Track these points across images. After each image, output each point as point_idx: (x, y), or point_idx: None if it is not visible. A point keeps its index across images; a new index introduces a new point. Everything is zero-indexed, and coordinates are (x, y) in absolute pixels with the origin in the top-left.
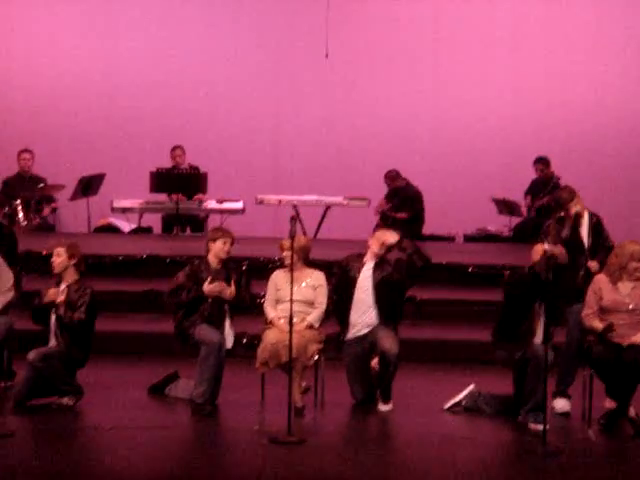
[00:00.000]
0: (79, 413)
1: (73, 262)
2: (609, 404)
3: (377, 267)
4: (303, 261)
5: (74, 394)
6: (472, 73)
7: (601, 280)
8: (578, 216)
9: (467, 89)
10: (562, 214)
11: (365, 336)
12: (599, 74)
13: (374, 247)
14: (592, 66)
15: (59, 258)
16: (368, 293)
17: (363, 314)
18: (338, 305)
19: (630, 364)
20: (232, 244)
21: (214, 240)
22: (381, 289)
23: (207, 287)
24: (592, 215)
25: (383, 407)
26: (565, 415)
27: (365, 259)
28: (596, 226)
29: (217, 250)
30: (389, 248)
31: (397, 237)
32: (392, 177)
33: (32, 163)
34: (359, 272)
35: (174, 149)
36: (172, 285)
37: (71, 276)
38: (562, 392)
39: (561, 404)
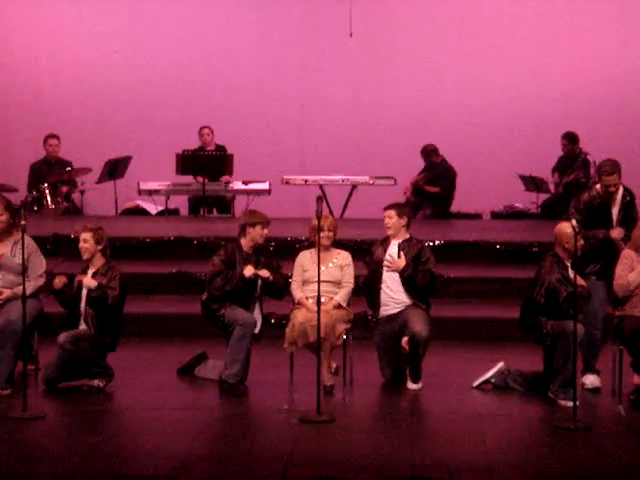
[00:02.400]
0: (109, 395)
1: (100, 247)
2: (638, 380)
3: (404, 245)
4: (333, 239)
5: (104, 376)
6: (497, 50)
7: (630, 255)
8: (608, 190)
9: (492, 66)
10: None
11: (396, 315)
12: (625, 49)
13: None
14: (618, 41)
15: (86, 244)
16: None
17: (393, 293)
18: (369, 285)
19: None
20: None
21: (253, 225)
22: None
23: (249, 271)
24: (627, 192)
25: (412, 386)
26: (595, 391)
27: (390, 239)
28: (628, 204)
29: (255, 235)
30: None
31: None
32: (427, 152)
33: (59, 148)
34: (385, 252)
35: (202, 129)
36: (210, 272)
37: (99, 261)
38: (591, 368)
39: (590, 379)
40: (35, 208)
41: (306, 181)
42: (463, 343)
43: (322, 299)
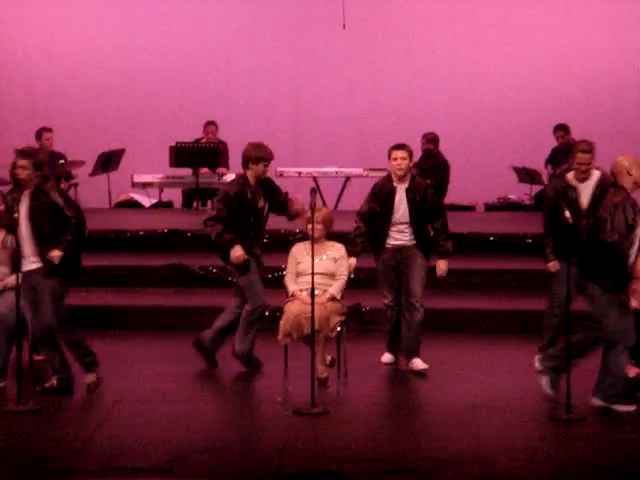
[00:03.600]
0: (104, 387)
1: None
2: (633, 372)
3: (410, 190)
4: (327, 232)
5: (93, 366)
6: (491, 42)
7: None
8: (581, 170)
9: (485, 58)
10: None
11: (401, 249)
12: (618, 42)
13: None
14: (611, 34)
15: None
16: (404, 212)
17: (400, 233)
18: (376, 219)
19: None
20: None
21: (257, 162)
22: (415, 208)
23: (236, 253)
24: (604, 177)
25: (419, 365)
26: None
27: (395, 182)
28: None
29: (258, 171)
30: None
31: None
32: (428, 139)
33: (53, 141)
34: (395, 192)
35: (208, 124)
36: (215, 215)
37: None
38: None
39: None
40: None
41: (300, 173)
42: (456, 335)
43: (316, 291)
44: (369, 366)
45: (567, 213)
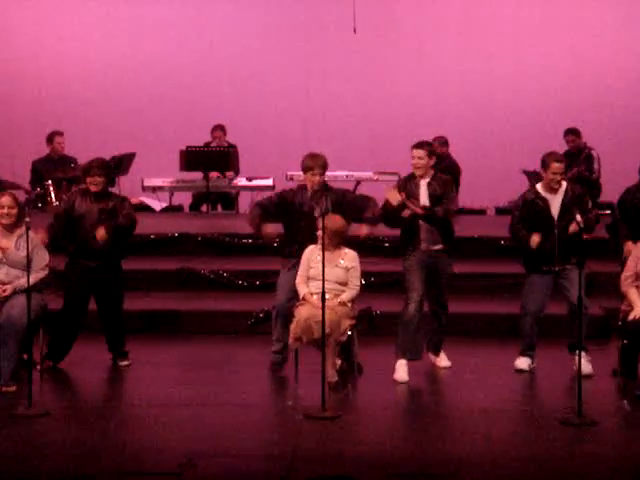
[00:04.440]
0: (114, 391)
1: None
2: None
3: (432, 183)
4: (337, 243)
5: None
6: (502, 46)
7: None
8: (555, 180)
9: (497, 61)
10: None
11: (432, 254)
12: (628, 45)
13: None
14: (621, 37)
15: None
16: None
17: (428, 232)
18: (407, 223)
19: None
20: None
21: (305, 171)
22: (436, 202)
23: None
24: (573, 188)
25: (443, 363)
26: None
27: (417, 179)
28: (576, 198)
29: (307, 180)
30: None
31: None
32: (440, 142)
33: (64, 145)
34: (417, 187)
35: (215, 129)
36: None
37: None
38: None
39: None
40: (39, 205)
41: None
42: (468, 339)
43: (327, 296)
44: (380, 370)
45: (579, 217)
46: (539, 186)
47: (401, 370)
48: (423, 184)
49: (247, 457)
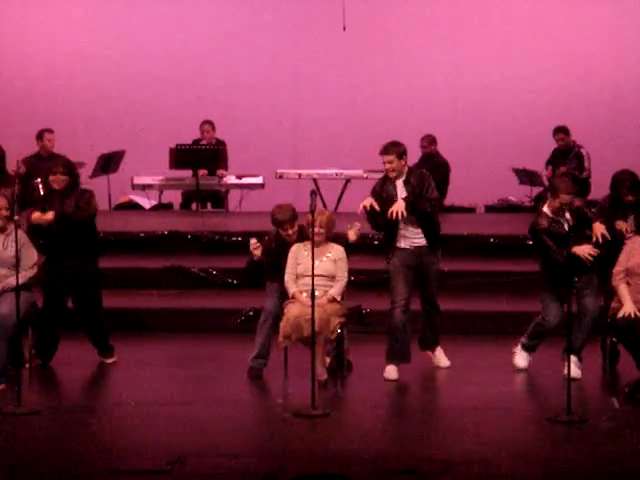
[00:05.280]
0: (103, 390)
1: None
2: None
3: (408, 182)
4: (329, 234)
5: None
6: (491, 43)
7: (636, 241)
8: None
9: (485, 59)
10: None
11: (415, 250)
12: (617, 43)
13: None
14: (610, 35)
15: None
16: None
17: (409, 228)
18: (386, 222)
19: None
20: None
21: (277, 226)
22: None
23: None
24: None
25: (443, 363)
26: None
27: (393, 180)
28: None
29: (285, 236)
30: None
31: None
32: (429, 141)
33: (54, 143)
34: (394, 188)
35: (203, 124)
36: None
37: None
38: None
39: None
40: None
41: (300, 175)
42: (456, 337)
43: (316, 293)
44: (369, 368)
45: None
46: (547, 210)
47: (391, 369)
48: (399, 184)
49: (236, 455)
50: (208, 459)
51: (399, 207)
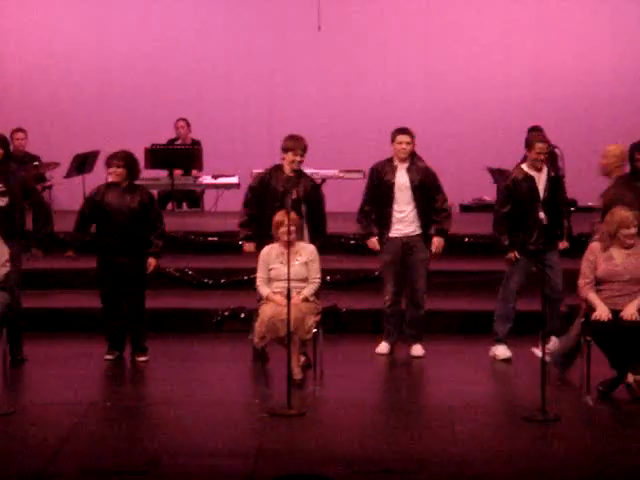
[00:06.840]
0: (78, 389)
1: None
2: (631, 378)
3: (412, 170)
4: (297, 236)
5: None
6: (465, 43)
7: (595, 249)
8: (539, 160)
9: (460, 58)
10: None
11: (406, 239)
12: (591, 45)
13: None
14: (584, 37)
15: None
16: (407, 192)
17: (404, 214)
18: (378, 206)
19: (628, 330)
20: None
21: (285, 151)
22: (417, 189)
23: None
24: (549, 169)
25: (417, 352)
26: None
27: (396, 164)
28: (554, 180)
29: (287, 161)
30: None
31: None
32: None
33: (26, 142)
34: (394, 175)
35: (178, 121)
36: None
37: None
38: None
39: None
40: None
41: None
42: (430, 335)
43: (291, 293)
44: (345, 367)
45: (542, 214)
46: (524, 166)
47: (382, 346)
48: (402, 171)
49: (212, 455)
50: (183, 459)
51: (439, 245)
